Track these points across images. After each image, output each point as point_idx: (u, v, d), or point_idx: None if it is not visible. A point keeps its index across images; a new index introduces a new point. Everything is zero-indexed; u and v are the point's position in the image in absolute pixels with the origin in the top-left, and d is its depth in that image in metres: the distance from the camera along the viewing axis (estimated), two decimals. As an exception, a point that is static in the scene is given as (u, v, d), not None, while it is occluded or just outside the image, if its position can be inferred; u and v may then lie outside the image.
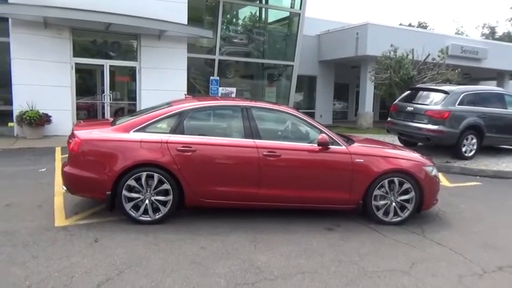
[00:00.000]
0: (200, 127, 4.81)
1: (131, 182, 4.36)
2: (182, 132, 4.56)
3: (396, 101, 10.43)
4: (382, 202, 4.86)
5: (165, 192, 4.45)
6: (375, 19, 19.36)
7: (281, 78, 16.84)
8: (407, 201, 4.88)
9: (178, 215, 4.64)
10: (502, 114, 9.51)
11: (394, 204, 4.87)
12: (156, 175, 4.38)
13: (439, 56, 12.88)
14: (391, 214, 4.88)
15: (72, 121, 11.23)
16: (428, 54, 12.69)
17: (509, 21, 49.23)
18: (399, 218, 4.89)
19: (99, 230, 4.23)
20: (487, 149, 9.94)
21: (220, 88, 13.73)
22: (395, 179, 4.82)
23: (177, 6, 11.83)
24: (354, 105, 23.30)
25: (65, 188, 4.58)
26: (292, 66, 15.92)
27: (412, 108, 9.51)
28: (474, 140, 9.18)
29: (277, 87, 16.89)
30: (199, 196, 4.53)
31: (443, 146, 9.48)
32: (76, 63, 11.14)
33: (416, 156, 5.18)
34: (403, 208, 4.90)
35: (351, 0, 62.73)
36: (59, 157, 7.97)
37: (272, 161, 4.56)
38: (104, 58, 11.63)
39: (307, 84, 20.36)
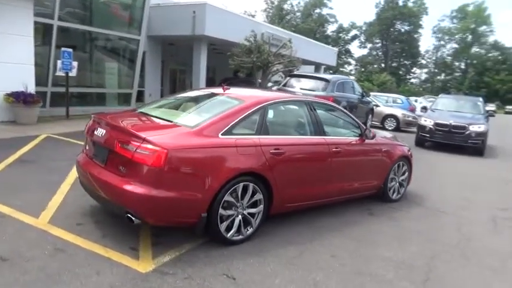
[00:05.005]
0: (278, 125, 4.22)
1: (228, 198, 3.53)
2: (267, 132, 3.94)
3: (280, 86, 11.32)
4: (392, 184, 5.62)
5: (253, 204, 3.81)
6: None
7: (124, 53, 14.97)
8: (404, 180, 5.82)
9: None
10: (354, 99, 11.86)
11: (397, 184, 5.71)
12: (251, 185, 3.69)
13: (287, 46, 14.52)
14: (396, 193, 5.72)
15: None
16: (284, 43, 14.12)
17: (264, 11, 59.30)
18: (399, 195, 5.78)
19: (207, 265, 3.28)
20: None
21: (59, 62, 11.08)
22: (401, 163, 5.66)
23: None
24: (168, 84, 22.97)
25: (137, 220, 3.22)
26: (138, 40, 14.43)
27: (300, 94, 10.57)
28: (342, 121, 11.13)
29: (120, 63, 14.92)
30: (285, 202, 4.09)
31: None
32: None
33: (402, 142, 6.16)
34: (401, 186, 5.80)
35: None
36: None
37: (338, 156, 4.56)
38: None
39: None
